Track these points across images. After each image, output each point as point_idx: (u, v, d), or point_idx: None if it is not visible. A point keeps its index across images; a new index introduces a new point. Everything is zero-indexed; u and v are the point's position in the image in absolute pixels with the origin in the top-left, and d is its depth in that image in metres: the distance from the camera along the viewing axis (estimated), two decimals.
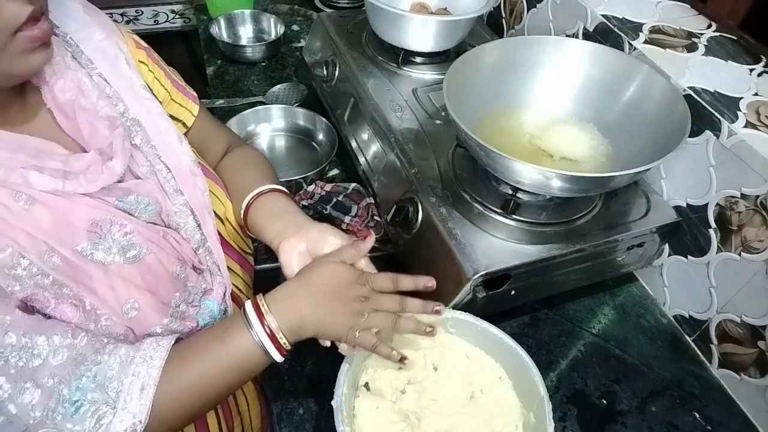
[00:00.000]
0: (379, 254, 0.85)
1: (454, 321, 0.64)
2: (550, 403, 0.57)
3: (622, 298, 0.84)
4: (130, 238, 0.52)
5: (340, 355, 0.58)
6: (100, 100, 0.54)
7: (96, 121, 0.52)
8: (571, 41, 0.82)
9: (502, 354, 0.63)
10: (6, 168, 0.46)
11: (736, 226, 0.69)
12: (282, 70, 1.24)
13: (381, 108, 0.87)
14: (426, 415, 0.59)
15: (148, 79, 0.63)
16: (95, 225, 0.50)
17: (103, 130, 0.53)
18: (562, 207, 0.74)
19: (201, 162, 0.65)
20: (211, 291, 0.61)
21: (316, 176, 0.95)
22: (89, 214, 0.50)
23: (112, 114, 0.54)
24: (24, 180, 0.46)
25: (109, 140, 0.52)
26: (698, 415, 0.71)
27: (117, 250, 0.51)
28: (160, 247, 0.54)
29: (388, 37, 0.95)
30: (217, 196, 0.65)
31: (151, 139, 0.58)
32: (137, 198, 0.54)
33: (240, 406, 0.66)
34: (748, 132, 0.67)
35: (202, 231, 0.60)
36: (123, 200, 0.53)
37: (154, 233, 0.54)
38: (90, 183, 0.50)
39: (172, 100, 0.66)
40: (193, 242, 0.59)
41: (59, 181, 0.48)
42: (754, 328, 0.68)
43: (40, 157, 0.48)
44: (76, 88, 0.53)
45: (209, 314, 0.60)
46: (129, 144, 0.55)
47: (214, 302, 0.60)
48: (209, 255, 0.60)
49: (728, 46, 0.83)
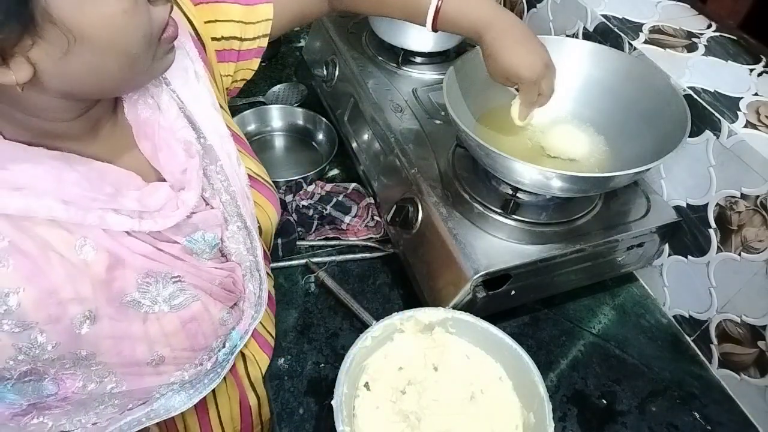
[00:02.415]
0: (379, 254, 0.85)
1: (455, 321, 0.64)
2: (550, 403, 0.57)
3: (622, 298, 0.84)
4: (181, 284, 0.49)
5: (340, 355, 0.58)
6: (177, 120, 0.51)
7: (173, 144, 0.50)
8: (571, 41, 0.82)
9: (502, 354, 0.63)
10: (85, 209, 0.42)
11: (736, 226, 0.69)
12: (282, 70, 1.24)
13: (381, 108, 0.87)
14: (426, 416, 0.59)
15: (225, 32, 0.60)
16: (150, 274, 0.47)
17: (180, 155, 0.50)
18: (562, 207, 0.74)
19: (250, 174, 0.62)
20: (240, 321, 0.58)
21: (316, 176, 0.95)
22: (146, 264, 0.47)
23: (188, 138, 0.51)
24: (101, 221, 0.43)
25: (184, 167, 0.50)
26: (698, 415, 0.71)
27: (164, 299, 0.48)
28: (209, 294, 0.52)
29: (388, 37, 0.95)
30: (260, 205, 0.63)
31: (220, 163, 0.54)
32: (204, 236, 0.52)
33: (263, 416, 0.67)
34: (748, 132, 0.67)
35: (254, 253, 0.57)
36: (191, 239, 0.51)
37: (207, 278, 0.52)
38: (165, 219, 0.47)
39: (246, 24, 0.62)
40: (243, 268, 0.57)
41: (135, 221, 0.45)
42: (754, 328, 0.68)
43: (118, 197, 0.45)
44: (155, 105, 0.50)
45: (230, 348, 0.58)
46: (202, 173, 0.52)
47: (237, 333, 0.58)
48: (252, 279, 0.58)
49: (728, 46, 0.83)
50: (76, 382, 0.45)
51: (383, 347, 0.64)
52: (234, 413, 0.65)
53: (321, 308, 0.78)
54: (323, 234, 0.86)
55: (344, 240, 0.86)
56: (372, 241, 0.86)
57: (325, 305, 0.78)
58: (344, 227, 0.87)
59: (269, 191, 0.65)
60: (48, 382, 0.44)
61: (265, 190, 0.64)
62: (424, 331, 0.65)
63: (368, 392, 0.61)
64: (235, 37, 0.62)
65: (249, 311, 0.59)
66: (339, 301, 0.78)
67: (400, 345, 0.64)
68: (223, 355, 0.57)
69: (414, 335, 0.65)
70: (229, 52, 0.63)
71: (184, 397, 0.55)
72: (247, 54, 0.65)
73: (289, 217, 0.85)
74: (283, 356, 0.72)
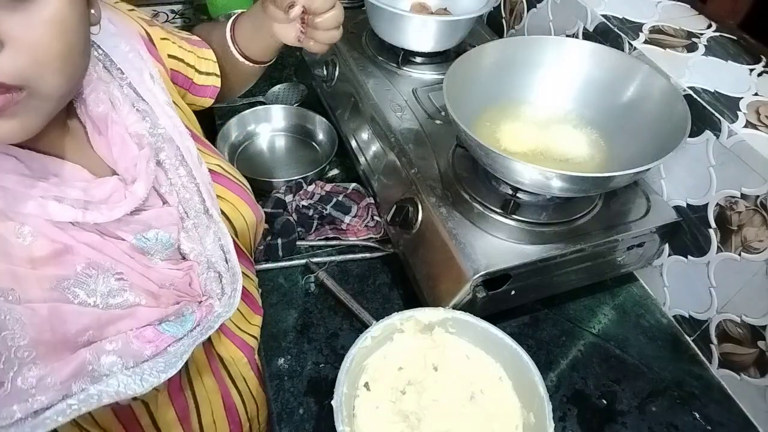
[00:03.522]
0: (379, 254, 0.85)
1: (454, 321, 0.64)
2: (550, 403, 0.57)
3: (622, 298, 0.84)
4: (122, 283, 0.47)
5: (340, 355, 0.58)
6: (130, 114, 0.51)
7: (126, 138, 0.50)
8: (571, 41, 0.82)
9: (502, 354, 0.63)
10: (24, 197, 0.42)
11: (736, 226, 0.69)
12: (282, 70, 1.24)
13: (381, 108, 0.87)
14: (426, 416, 0.59)
15: (178, 53, 0.64)
16: (92, 266, 0.46)
17: (132, 148, 0.50)
18: (562, 207, 0.74)
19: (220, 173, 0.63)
20: (195, 314, 0.54)
21: (316, 176, 0.95)
22: (90, 255, 0.46)
23: (140, 131, 0.51)
24: (42, 210, 0.43)
25: (135, 160, 0.50)
26: (698, 415, 0.71)
27: (101, 294, 0.46)
28: (155, 299, 0.50)
29: (388, 37, 0.95)
30: (231, 202, 0.63)
31: (180, 156, 0.55)
32: (157, 235, 0.51)
33: (250, 412, 0.66)
34: (748, 132, 0.67)
35: (224, 249, 0.56)
36: (141, 238, 0.50)
37: (157, 279, 0.51)
38: (111, 210, 0.47)
39: (199, 58, 0.69)
40: (201, 267, 0.55)
41: (79, 211, 0.45)
42: (754, 328, 0.68)
43: (62, 185, 0.45)
44: (108, 101, 0.50)
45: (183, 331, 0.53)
46: (153, 164, 0.52)
47: (191, 319, 0.53)
48: (214, 278, 0.56)
49: (728, 46, 0.83)
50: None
51: (383, 347, 0.64)
52: (218, 416, 0.63)
53: (321, 308, 0.78)
54: (323, 234, 0.86)
55: (344, 240, 0.86)
56: (372, 241, 0.86)
57: (325, 305, 0.78)
58: (344, 227, 0.87)
59: (241, 190, 0.65)
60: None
61: (236, 188, 0.64)
62: (423, 331, 0.65)
63: (368, 392, 0.61)
64: (190, 65, 0.67)
65: (216, 308, 0.55)
66: (339, 301, 0.78)
67: (400, 345, 0.64)
68: None
69: (414, 335, 0.65)
70: (184, 77, 0.67)
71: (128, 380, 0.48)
72: (200, 90, 0.71)
73: (289, 217, 0.86)
74: (283, 356, 0.72)
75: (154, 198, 0.53)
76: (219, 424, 0.62)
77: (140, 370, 0.46)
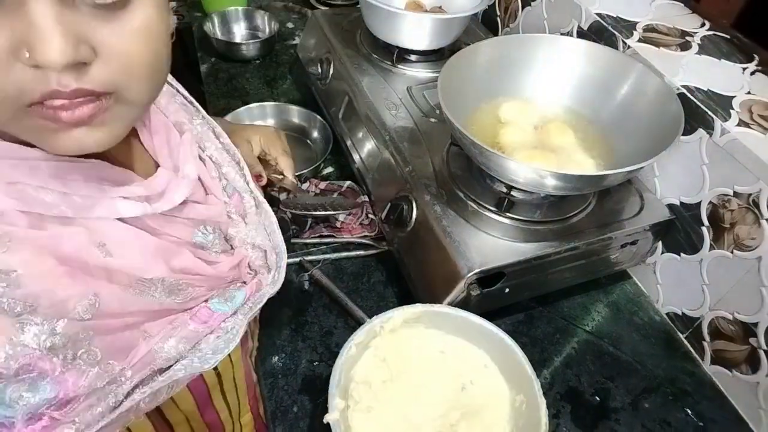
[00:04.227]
0: (374, 252, 0.85)
1: (432, 315, 0.65)
2: (538, 381, 0.59)
3: (616, 295, 0.84)
4: (179, 279, 0.47)
5: (335, 353, 0.58)
6: (169, 105, 0.52)
7: (168, 124, 0.51)
8: (565, 39, 0.82)
9: (485, 341, 0.64)
10: (93, 200, 0.41)
11: (729, 223, 0.70)
12: (276, 67, 1.24)
13: (376, 106, 0.87)
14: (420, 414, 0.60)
15: None
16: None
17: (174, 135, 0.51)
18: (556, 205, 0.75)
19: None
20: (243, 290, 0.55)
21: (310, 174, 0.95)
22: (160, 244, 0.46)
23: (180, 120, 0.53)
24: (111, 211, 0.42)
25: (178, 146, 0.50)
26: (690, 412, 0.71)
27: (162, 290, 0.46)
28: (211, 288, 0.51)
29: (383, 35, 0.94)
30: None
31: (222, 141, 0.56)
32: (212, 229, 0.52)
33: None
34: (740, 130, 0.67)
35: (271, 229, 0.58)
36: (198, 233, 0.50)
37: (216, 273, 0.51)
38: (173, 195, 0.46)
39: None
40: (253, 253, 0.56)
41: (145, 204, 0.44)
42: (746, 325, 0.69)
43: (124, 185, 0.44)
44: None
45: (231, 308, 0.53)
46: (197, 149, 0.52)
47: (243, 293, 0.54)
48: (269, 258, 0.57)
49: (721, 45, 0.83)
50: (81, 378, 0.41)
51: (367, 351, 0.64)
52: (240, 391, 0.64)
53: (315, 306, 0.78)
54: (317, 232, 0.86)
55: (339, 238, 0.86)
56: (366, 238, 0.86)
57: (320, 303, 0.78)
58: (339, 225, 0.87)
59: None
60: (48, 383, 0.39)
61: None
62: (404, 329, 0.65)
63: (360, 397, 0.61)
64: None
65: (264, 283, 0.56)
66: (333, 299, 0.78)
67: (383, 346, 0.64)
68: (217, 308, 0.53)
69: (395, 334, 0.65)
70: None
71: None
72: None
73: (283, 214, 0.85)
74: (277, 354, 0.72)
75: (199, 190, 0.53)
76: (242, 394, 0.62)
77: (200, 352, 0.48)
